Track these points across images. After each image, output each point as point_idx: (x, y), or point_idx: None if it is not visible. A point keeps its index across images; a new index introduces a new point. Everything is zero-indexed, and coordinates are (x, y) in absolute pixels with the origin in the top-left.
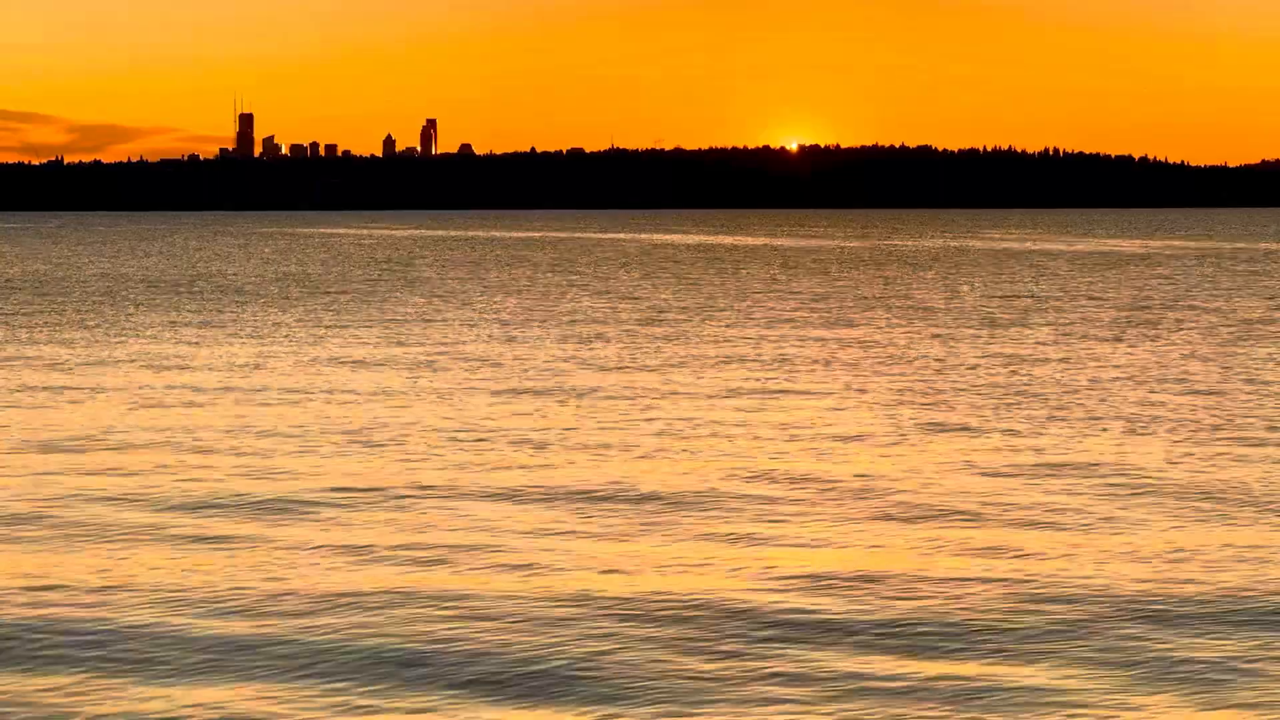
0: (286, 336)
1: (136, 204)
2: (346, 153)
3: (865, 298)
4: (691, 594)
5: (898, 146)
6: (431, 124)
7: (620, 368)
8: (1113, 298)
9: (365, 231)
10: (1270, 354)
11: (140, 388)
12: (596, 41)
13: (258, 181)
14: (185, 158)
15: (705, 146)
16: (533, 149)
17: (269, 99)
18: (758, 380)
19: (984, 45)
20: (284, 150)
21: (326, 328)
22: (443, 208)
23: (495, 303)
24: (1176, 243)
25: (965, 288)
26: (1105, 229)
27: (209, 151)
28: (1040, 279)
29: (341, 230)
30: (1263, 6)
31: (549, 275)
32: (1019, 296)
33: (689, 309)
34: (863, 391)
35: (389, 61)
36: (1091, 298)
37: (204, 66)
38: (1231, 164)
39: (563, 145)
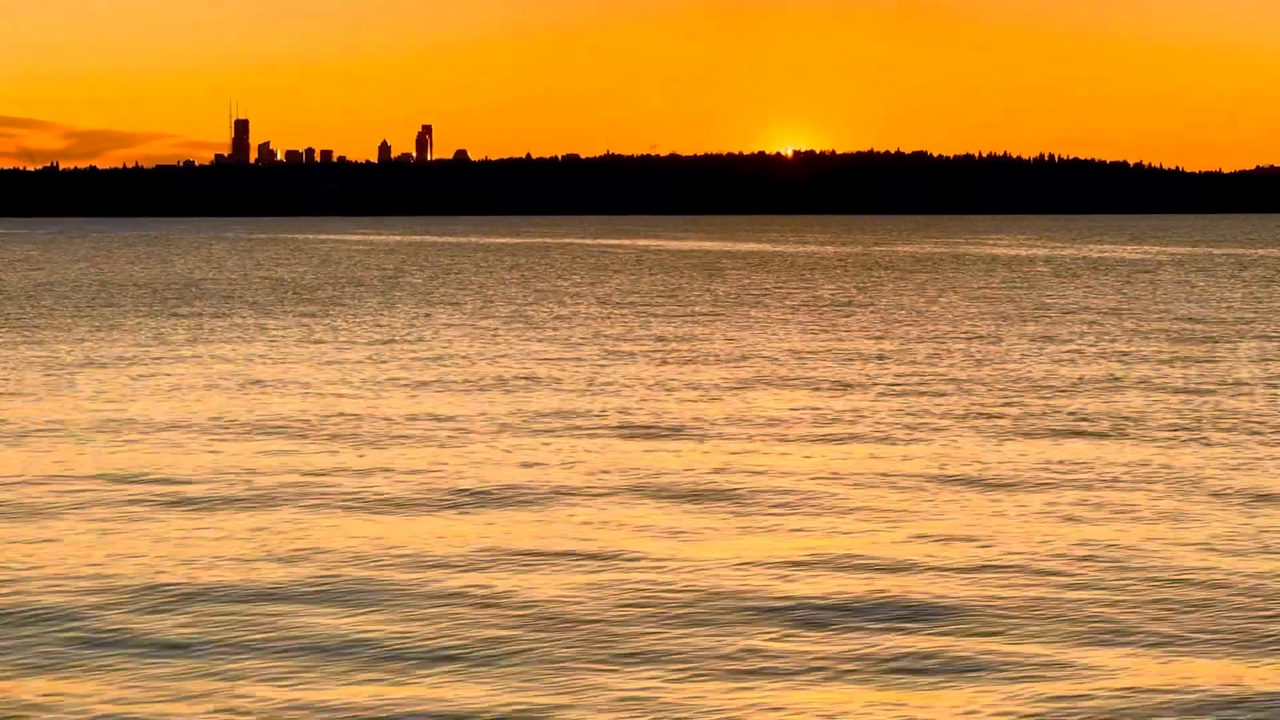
0: (274, 343)
1: (132, 210)
2: (342, 159)
3: (851, 303)
4: (690, 586)
5: (893, 152)
6: (427, 130)
7: (605, 372)
8: (1098, 303)
9: (360, 237)
10: (1249, 357)
11: (127, 390)
12: (592, 48)
13: (253, 188)
14: (181, 164)
15: (701, 152)
16: (528, 155)
17: (265, 105)
18: (739, 381)
19: (979, 51)
20: (279, 156)
21: (315, 334)
22: (438, 214)
23: (486, 309)
24: (1170, 249)
25: (953, 293)
26: (1100, 235)
27: (204, 158)
28: (1030, 284)
29: (336, 236)
30: (1259, 13)
31: (541, 281)
32: (1008, 301)
33: (677, 313)
34: (841, 393)
35: (385, 68)
36: (1080, 303)
37: (200, 72)
38: (1227, 170)
39: (558, 151)
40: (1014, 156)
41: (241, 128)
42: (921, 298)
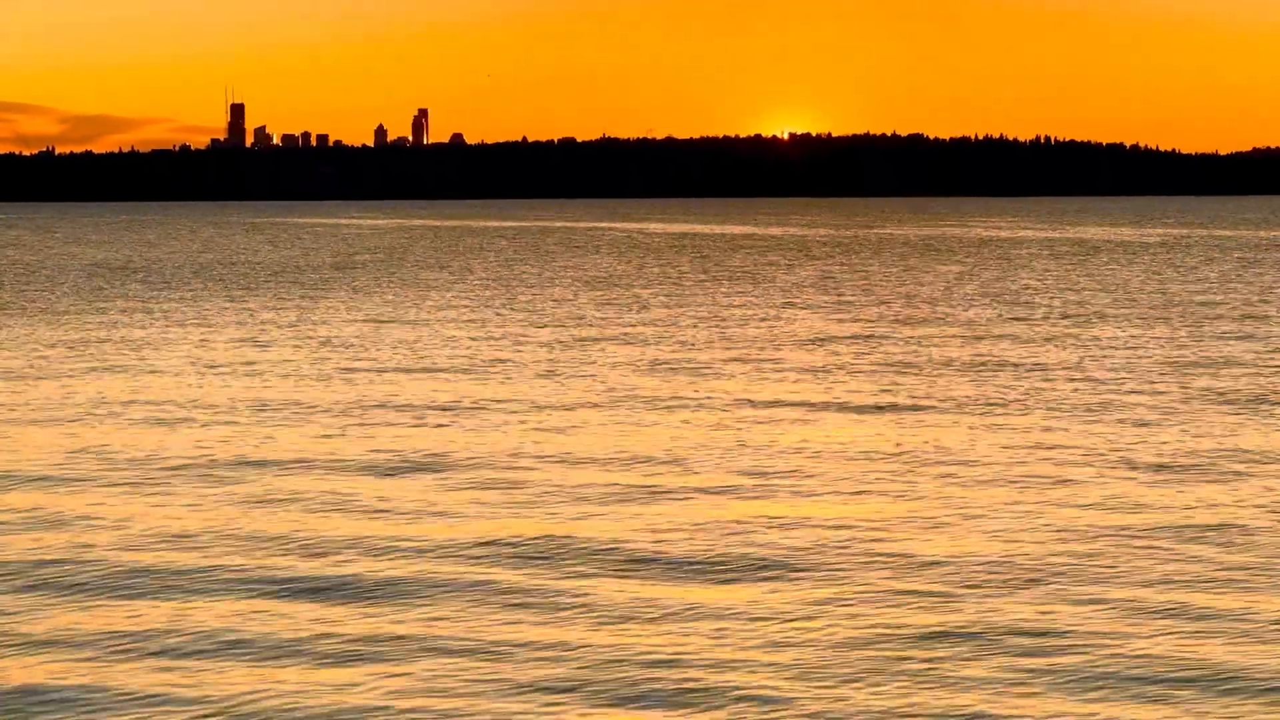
0: (266, 325)
1: (128, 194)
2: (338, 142)
3: (843, 285)
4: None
5: (889, 135)
6: (423, 113)
7: (589, 358)
8: (1092, 286)
9: (356, 221)
10: (1235, 337)
11: (111, 375)
12: (588, 31)
13: (249, 172)
14: (177, 148)
15: (697, 135)
16: (524, 138)
17: (260, 89)
18: (726, 368)
19: (975, 33)
20: (276, 140)
21: (305, 316)
22: (434, 197)
23: (476, 293)
24: (1165, 231)
25: (948, 277)
26: (1096, 217)
27: (200, 142)
28: (1022, 266)
29: (332, 220)
30: None
31: (532, 265)
32: (998, 284)
33: (668, 299)
34: (828, 377)
35: (381, 51)
36: (1072, 287)
37: (196, 56)
38: (1223, 152)
39: (554, 134)
40: (1010, 138)
41: (237, 112)
42: (908, 279)
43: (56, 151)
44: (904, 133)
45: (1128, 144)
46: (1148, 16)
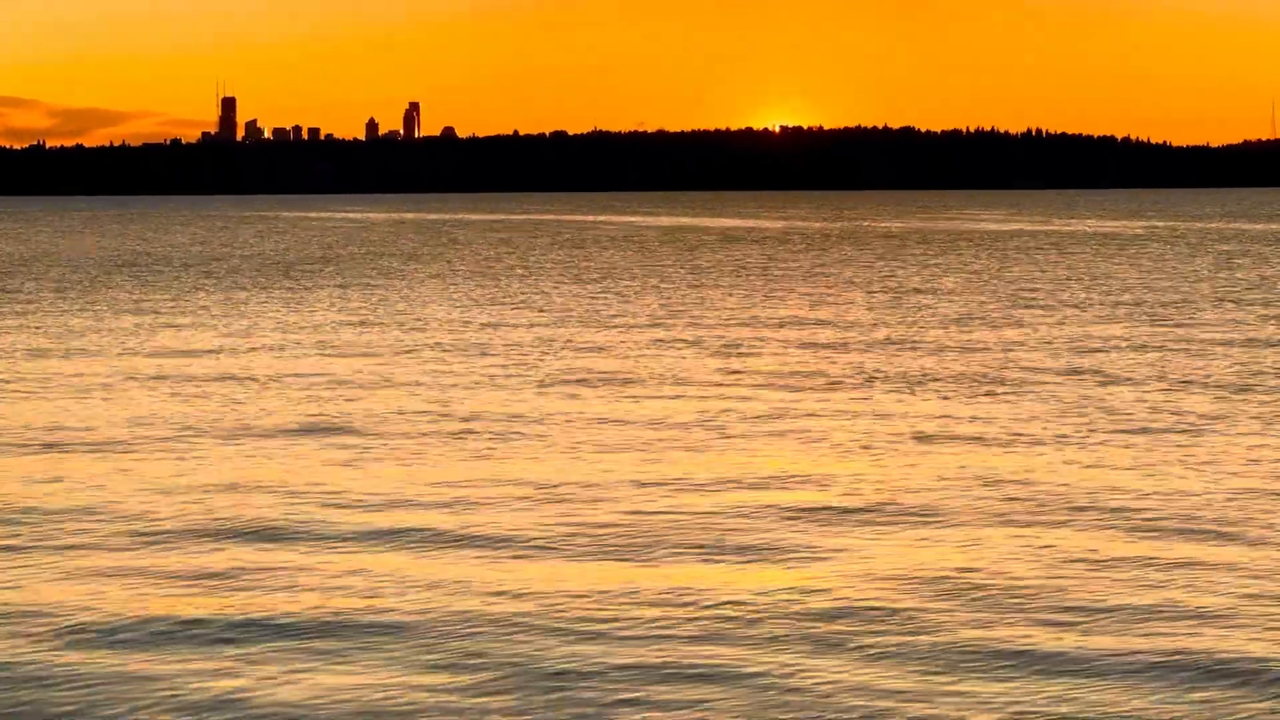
0: (255, 318)
1: (119, 188)
2: (330, 136)
3: (831, 278)
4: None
5: (880, 128)
6: (415, 107)
7: (578, 353)
8: (1081, 279)
9: (347, 214)
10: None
11: (93, 370)
12: (579, 24)
13: (241, 165)
14: (168, 141)
15: (688, 128)
16: (516, 132)
17: (252, 82)
18: (717, 362)
19: (967, 26)
20: (267, 134)
21: (295, 310)
22: (426, 191)
23: (465, 286)
24: (1157, 224)
25: (937, 270)
26: (1087, 210)
27: (192, 135)
28: (1013, 261)
29: (323, 213)
30: None
31: (523, 259)
32: (987, 276)
33: (659, 292)
34: (819, 372)
35: (372, 44)
36: (1061, 279)
37: (186, 50)
38: (1214, 144)
39: (546, 128)
40: (1002, 131)
41: (229, 105)
42: (898, 273)
43: (46, 145)
44: (895, 126)
45: (1119, 137)
46: (1140, 9)
